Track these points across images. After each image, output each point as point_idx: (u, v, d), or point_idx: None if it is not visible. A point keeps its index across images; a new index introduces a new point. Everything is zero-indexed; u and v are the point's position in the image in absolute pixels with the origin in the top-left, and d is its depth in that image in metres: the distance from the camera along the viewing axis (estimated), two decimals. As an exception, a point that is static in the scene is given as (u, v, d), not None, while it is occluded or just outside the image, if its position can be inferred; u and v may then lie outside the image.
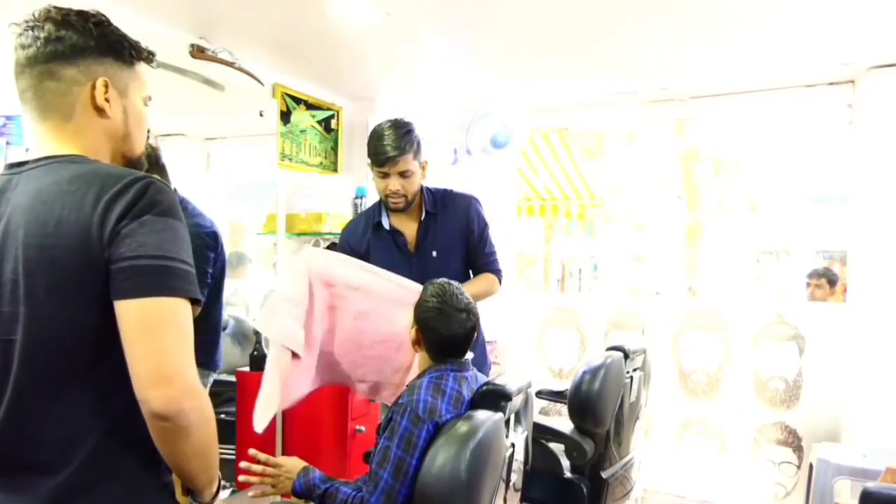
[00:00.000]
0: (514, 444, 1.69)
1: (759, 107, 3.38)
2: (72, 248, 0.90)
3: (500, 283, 2.24)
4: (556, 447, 2.31)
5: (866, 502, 1.78)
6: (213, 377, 2.72)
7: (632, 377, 2.46)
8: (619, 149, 8.03)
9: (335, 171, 3.28)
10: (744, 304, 3.66)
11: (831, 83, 3.07)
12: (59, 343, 0.92)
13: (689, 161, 7.98)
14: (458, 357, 1.67)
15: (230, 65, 2.57)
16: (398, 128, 2.09)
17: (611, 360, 2.31)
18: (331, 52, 2.72)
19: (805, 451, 3.18)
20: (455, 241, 2.20)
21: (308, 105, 3.11)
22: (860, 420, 2.87)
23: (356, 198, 3.12)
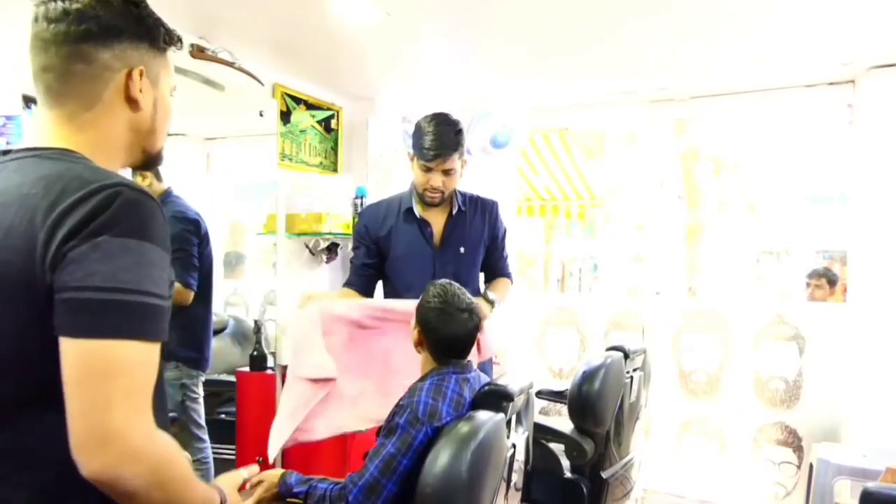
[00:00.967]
0: (514, 445, 1.69)
1: (759, 107, 3.38)
2: (14, 266, 0.77)
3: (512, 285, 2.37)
4: (557, 447, 2.31)
5: (866, 502, 1.78)
6: (203, 377, 2.71)
7: (632, 377, 2.46)
8: (619, 149, 8.04)
9: (335, 171, 3.28)
10: (744, 304, 3.66)
11: (831, 83, 3.07)
12: (1, 369, 0.80)
13: (688, 161, 7.99)
14: (460, 358, 1.67)
15: (230, 65, 2.57)
16: (449, 125, 2.10)
17: (611, 360, 2.31)
18: (331, 52, 2.72)
19: (805, 451, 3.18)
20: (478, 241, 2.26)
21: (308, 105, 3.11)
22: (860, 420, 2.87)
23: (356, 198, 3.12)
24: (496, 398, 1.60)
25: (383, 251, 2.21)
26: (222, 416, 3.05)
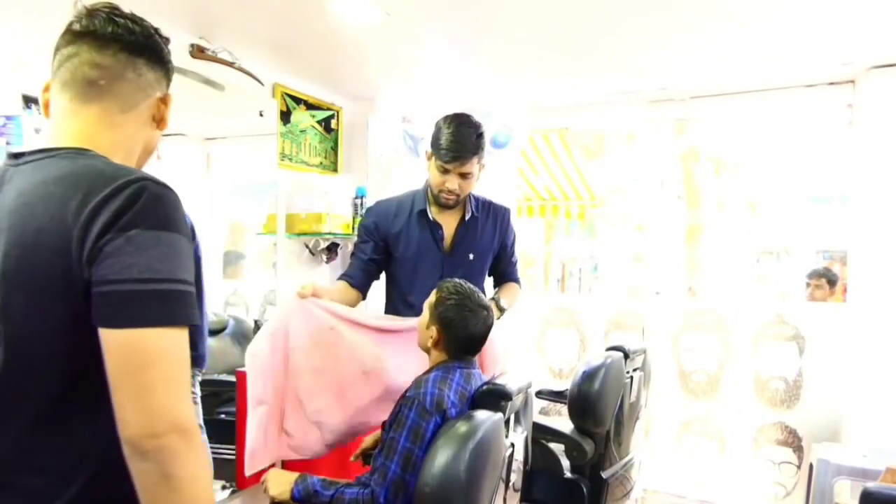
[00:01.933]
0: (513, 444, 1.69)
1: (759, 107, 3.38)
2: (51, 265, 0.80)
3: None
4: (556, 447, 2.31)
5: (866, 502, 1.78)
6: (199, 376, 2.71)
7: (632, 377, 2.46)
8: (619, 149, 8.03)
9: (335, 171, 3.29)
10: (744, 304, 3.66)
11: (831, 83, 3.07)
12: (37, 367, 0.83)
13: (688, 161, 7.98)
14: (474, 354, 1.69)
15: (230, 65, 2.57)
16: (471, 127, 2.07)
17: (611, 360, 2.31)
18: (331, 52, 2.72)
19: (805, 451, 3.19)
20: (488, 248, 2.25)
21: (308, 105, 3.12)
22: (860, 420, 2.87)
23: (356, 198, 3.12)
24: (494, 397, 1.60)
25: (390, 249, 2.19)
26: (222, 415, 3.05)
